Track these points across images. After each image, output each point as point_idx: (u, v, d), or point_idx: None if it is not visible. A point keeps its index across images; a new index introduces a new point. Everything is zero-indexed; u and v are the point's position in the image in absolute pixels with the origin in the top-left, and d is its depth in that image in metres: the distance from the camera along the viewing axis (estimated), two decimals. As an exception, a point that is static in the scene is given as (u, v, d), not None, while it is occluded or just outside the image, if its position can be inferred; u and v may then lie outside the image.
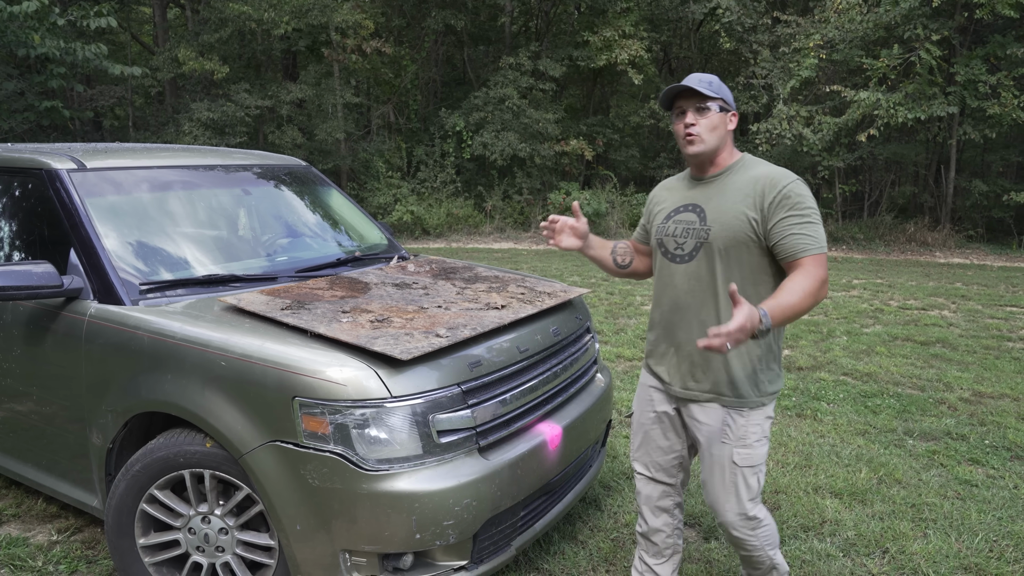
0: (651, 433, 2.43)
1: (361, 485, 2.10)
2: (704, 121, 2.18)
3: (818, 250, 2.09)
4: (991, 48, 12.50)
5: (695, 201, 2.27)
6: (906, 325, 7.13)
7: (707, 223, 2.20)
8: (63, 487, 2.82)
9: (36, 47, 10.77)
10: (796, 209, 2.10)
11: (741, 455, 2.23)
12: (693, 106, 2.18)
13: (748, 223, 2.14)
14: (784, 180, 2.13)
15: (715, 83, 2.19)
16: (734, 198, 2.18)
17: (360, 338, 2.22)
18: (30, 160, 2.93)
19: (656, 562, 2.51)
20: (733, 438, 2.24)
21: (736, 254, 2.16)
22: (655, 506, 2.47)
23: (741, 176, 2.21)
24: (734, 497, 2.24)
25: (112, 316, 2.53)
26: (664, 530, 2.48)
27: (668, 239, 2.30)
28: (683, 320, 2.26)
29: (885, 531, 3.14)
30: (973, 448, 4.06)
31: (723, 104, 2.19)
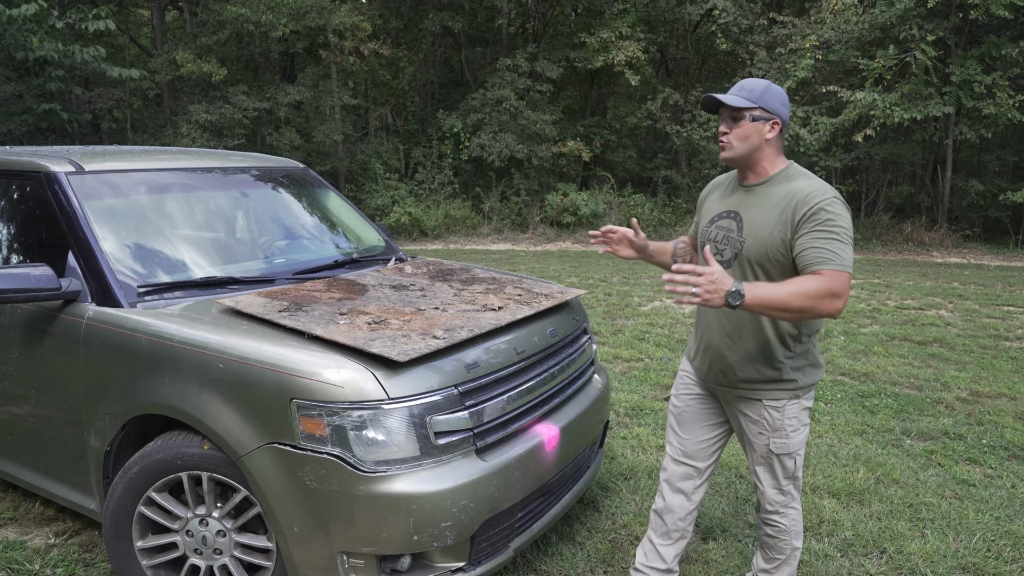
0: (683, 416, 2.56)
1: (358, 487, 2.11)
2: (736, 130, 2.19)
3: (839, 266, 2.03)
4: (986, 48, 12.54)
5: (736, 208, 2.29)
6: (903, 325, 7.14)
7: (743, 235, 2.23)
8: (61, 490, 2.81)
9: (34, 50, 10.76)
10: (824, 225, 2.07)
11: (777, 444, 2.35)
12: (728, 113, 2.21)
13: (780, 241, 2.15)
14: (819, 196, 2.10)
15: (757, 90, 2.18)
16: (770, 214, 2.18)
17: (357, 340, 2.23)
18: (28, 163, 2.93)
19: (662, 543, 2.60)
20: (769, 429, 2.34)
21: (767, 269, 2.20)
22: (675, 485, 2.58)
23: (781, 189, 2.19)
24: (772, 476, 2.40)
25: (110, 318, 2.54)
26: (677, 511, 2.57)
27: (710, 244, 2.35)
28: (715, 324, 2.34)
29: (883, 531, 3.15)
30: (971, 448, 4.07)
31: (761, 113, 2.17)
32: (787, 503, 2.44)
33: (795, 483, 2.44)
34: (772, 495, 2.43)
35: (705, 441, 2.55)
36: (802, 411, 2.36)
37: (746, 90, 2.19)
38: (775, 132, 2.19)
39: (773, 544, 2.51)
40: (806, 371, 2.33)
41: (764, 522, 2.50)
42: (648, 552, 2.62)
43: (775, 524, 2.47)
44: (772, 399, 2.32)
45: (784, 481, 2.41)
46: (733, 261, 2.26)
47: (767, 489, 2.43)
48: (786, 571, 2.53)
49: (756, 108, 2.17)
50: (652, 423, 4.38)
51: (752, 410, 2.36)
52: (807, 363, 2.33)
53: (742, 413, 2.39)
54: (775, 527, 2.48)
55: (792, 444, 2.35)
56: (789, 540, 2.49)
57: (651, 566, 2.61)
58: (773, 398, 2.32)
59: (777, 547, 2.51)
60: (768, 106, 2.17)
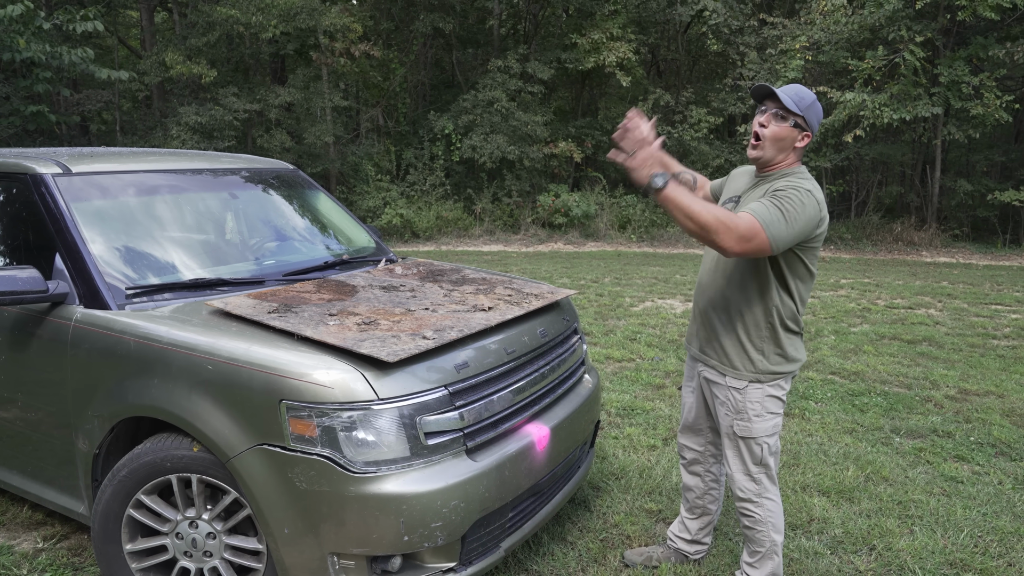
0: (687, 402, 2.75)
1: (348, 487, 2.10)
2: (775, 128, 2.26)
3: (762, 220, 2.08)
4: (973, 49, 12.64)
5: (740, 195, 2.47)
6: (893, 324, 7.19)
7: None
8: (49, 494, 2.80)
9: (21, 51, 10.69)
10: (776, 196, 2.17)
11: (740, 427, 2.46)
12: (775, 109, 2.27)
13: None
14: (796, 182, 2.22)
15: (806, 101, 2.25)
16: (756, 199, 2.28)
17: (347, 340, 2.22)
18: (14, 164, 2.91)
19: (688, 516, 2.86)
20: (732, 410, 2.48)
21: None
22: (687, 469, 2.83)
23: (773, 183, 2.30)
24: (739, 460, 2.50)
25: (98, 321, 2.52)
26: (694, 491, 2.81)
27: None
28: (702, 295, 2.52)
29: (872, 528, 3.16)
30: (959, 445, 4.10)
31: (802, 123, 2.26)
32: (760, 492, 2.49)
33: (767, 472, 2.49)
34: (741, 480, 2.50)
35: (703, 426, 2.73)
36: (766, 398, 2.43)
37: (798, 96, 2.25)
38: (803, 143, 2.30)
39: (752, 536, 2.55)
40: (771, 358, 2.41)
41: (740, 512, 2.55)
42: (678, 522, 2.90)
43: (750, 514, 2.52)
44: (734, 378, 2.45)
45: (753, 467, 2.47)
46: None
47: (735, 473, 2.51)
48: (769, 565, 2.55)
49: (800, 116, 2.26)
50: (643, 423, 4.39)
51: (720, 390, 2.51)
52: (774, 350, 2.41)
53: (713, 394, 2.55)
54: (751, 517, 2.52)
55: (755, 429, 2.44)
56: (767, 532, 2.52)
57: (679, 536, 2.88)
58: (735, 378, 2.45)
59: (756, 539, 2.54)
60: (809, 119, 2.27)
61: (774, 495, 2.52)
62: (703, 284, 2.53)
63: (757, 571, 2.57)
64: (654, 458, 3.86)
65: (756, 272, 2.34)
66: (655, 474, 3.65)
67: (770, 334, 2.40)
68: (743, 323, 2.41)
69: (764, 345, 2.40)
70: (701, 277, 2.56)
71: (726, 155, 15.80)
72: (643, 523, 3.19)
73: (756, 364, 2.42)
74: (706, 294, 2.50)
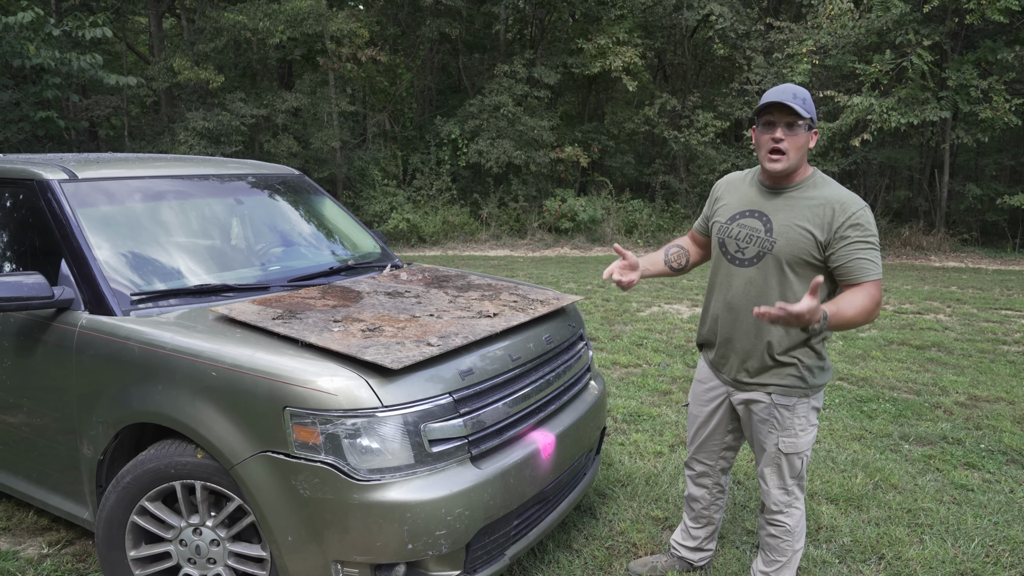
0: (700, 422, 2.67)
1: (352, 495, 2.09)
2: (793, 139, 2.21)
3: (878, 276, 2.20)
4: (982, 53, 12.58)
5: (762, 209, 2.34)
6: (901, 329, 7.14)
7: (773, 235, 2.29)
8: (54, 499, 2.79)
9: (31, 57, 10.75)
10: (863, 236, 2.20)
11: (786, 443, 2.41)
12: (785, 121, 2.21)
13: (814, 243, 2.24)
14: (855, 206, 2.22)
15: (808, 101, 2.23)
16: (803, 216, 2.25)
17: (351, 347, 2.21)
18: (21, 170, 2.92)
19: (692, 525, 2.83)
20: (779, 428, 2.42)
21: (797, 269, 2.27)
22: (694, 481, 2.79)
23: (811, 194, 2.27)
24: (778, 475, 2.46)
25: (103, 327, 2.52)
26: (700, 501, 2.78)
27: (730, 241, 2.41)
28: (736, 320, 2.40)
29: (881, 537, 3.13)
30: (969, 452, 4.06)
31: (811, 123, 2.23)
32: (791, 503, 2.48)
33: (799, 483, 2.48)
34: (777, 495, 2.47)
35: (718, 444, 2.68)
36: (811, 411, 2.43)
37: (800, 99, 2.20)
38: (815, 141, 2.29)
39: (775, 545, 2.52)
40: (816, 372, 2.39)
41: (768, 522, 2.52)
42: (682, 530, 2.88)
43: (780, 524, 2.49)
44: (782, 396, 2.38)
45: (790, 481, 2.46)
46: (756, 260, 2.33)
47: (772, 489, 2.47)
48: (786, 574, 2.52)
49: (809, 119, 2.21)
50: (650, 429, 4.36)
51: (762, 409, 2.43)
52: (818, 364, 2.39)
53: (752, 412, 2.47)
54: (779, 527, 2.49)
55: (800, 444, 2.42)
56: (792, 542, 2.50)
57: (683, 544, 2.86)
58: (783, 395, 2.38)
59: (779, 548, 2.52)
60: (814, 117, 2.25)
61: (802, 504, 2.51)
62: (735, 309, 2.39)
63: None
64: (660, 465, 3.83)
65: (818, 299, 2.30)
66: (661, 481, 3.63)
67: (815, 348, 2.37)
68: (795, 343, 2.33)
69: (811, 360, 2.37)
70: (729, 302, 2.41)
71: (733, 159, 15.77)
72: (649, 530, 3.16)
73: (807, 380, 2.37)
74: (744, 323, 2.37)
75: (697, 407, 2.68)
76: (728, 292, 2.42)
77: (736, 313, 2.40)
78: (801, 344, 2.34)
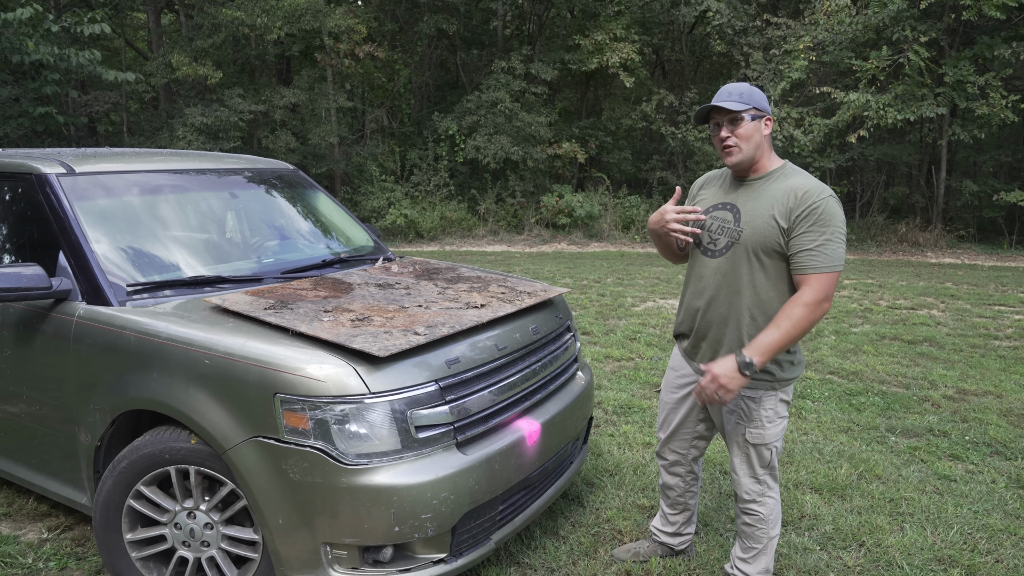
0: (671, 410, 2.72)
1: (341, 479, 2.16)
2: (739, 131, 2.29)
3: (828, 269, 2.20)
4: (979, 49, 12.61)
5: (732, 201, 2.40)
6: (895, 324, 7.20)
7: (740, 224, 2.34)
8: (53, 485, 2.86)
9: (30, 53, 10.80)
10: (819, 225, 2.21)
11: (753, 435, 2.46)
12: (726, 119, 2.30)
13: (777, 230, 2.27)
14: (817, 194, 2.23)
15: (746, 93, 2.28)
16: (768, 204, 2.30)
17: (340, 336, 2.28)
18: (20, 164, 2.98)
19: (670, 512, 2.88)
20: (746, 419, 2.47)
21: (764, 258, 2.31)
22: (667, 470, 2.83)
23: (779, 184, 2.32)
24: (747, 465, 2.51)
25: (100, 317, 2.59)
26: (675, 489, 2.83)
27: (704, 233, 2.46)
28: (708, 310, 2.45)
29: (862, 525, 3.20)
30: (954, 444, 4.12)
31: (755, 112, 2.28)
32: (764, 492, 2.52)
33: (771, 472, 2.53)
34: (748, 484, 2.52)
35: (689, 433, 2.72)
36: (779, 403, 2.46)
37: (736, 94, 2.28)
38: (769, 128, 2.33)
39: (751, 533, 2.57)
40: (785, 366, 2.43)
41: (743, 511, 2.57)
42: (660, 517, 2.93)
43: (753, 512, 2.54)
44: (749, 389, 2.43)
45: (760, 471, 2.50)
46: (726, 250, 2.37)
47: (742, 478, 2.52)
48: (763, 561, 2.59)
49: (751, 108, 2.27)
50: (639, 420, 4.43)
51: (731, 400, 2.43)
52: (787, 359, 2.43)
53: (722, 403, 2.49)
54: (753, 515, 2.55)
55: (768, 435, 2.46)
56: (767, 529, 2.55)
57: (662, 530, 2.91)
58: (750, 387, 2.42)
59: (754, 536, 2.57)
60: (759, 105, 2.29)
61: (775, 493, 2.55)
62: (707, 299, 2.44)
63: (751, 566, 2.60)
64: (648, 455, 3.90)
65: (781, 286, 2.34)
66: (649, 471, 3.70)
67: None
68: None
69: (780, 355, 2.39)
70: (702, 292, 2.46)
71: (730, 156, 15.76)
72: (635, 519, 3.23)
73: (775, 374, 2.40)
74: (717, 309, 2.42)
75: (668, 393, 2.72)
76: (700, 283, 2.47)
77: (708, 303, 2.44)
78: None
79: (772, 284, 2.33)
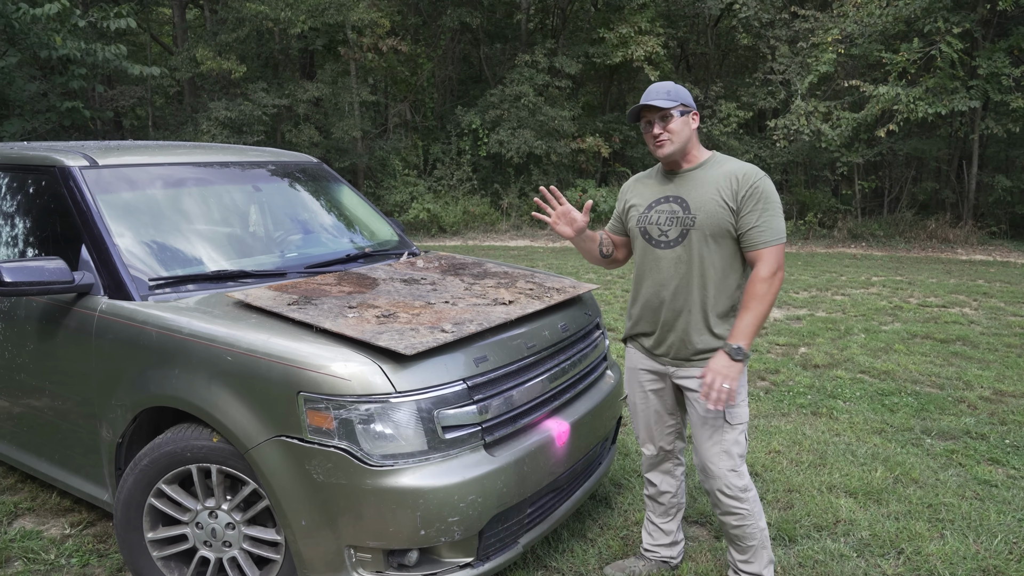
0: (647, 410, 2.67)
1: (365, 481, 2.10)
2: (669, 126, 2.41)
3: (776, 241, 2.37)
4: (1015, 40, 12.28)
5: (675, 193, 2.49)
6: (926, 323, 7.03)
7: (691, 212, 2.43)
8: (75, 481, 2.84)
9: (58, 48, 10.90)
10: (762, 203, 2.36)
11: (731, 413, 2.46)
12: (657, 116, 2.42)
13: (727, 211, 2.38)
14: (755, 176, 2.40)
15: (672, 91, 2.43)
16: (712, 189, 2.41)
17: (365, 333, 2.22)
18: (43, 157, 2.96)
19: (662, 521, 2.78)
20: None
21: (718, 241, 2.41)
22: (659, 471, 2.75)
23: (715, 171, 2.45)
24: (727, 456, 2.47)
25: (121, 311, 2.55)
26: (669, 491, 2.75)
27: (652, 227, 2.51)
28: (669, 299, 2.48)
29: (901, 531, 3.09)
30: (993, 448, 3.98)
31: (683, 108, 2.41)
32: (745, 487, 2.48)
33: (744, 462, 2.52)
34: (730, 478, 2.46)
35: (672, 427, 2.68)
36: (746, 382, 2.51)
37: (663, 92, 2.42)
38: (696, 121, 2.47)
39: (741, 533, 2.51)
40: None
41: (729, 512, 2.50)
42: (652, 532, 2.81)
43: (739, 511, 2.48)
44: None
45: (738, 460, 2.48)
46: (681, 239, 2.44)
47: (724, 472, 2.47)
48: (764, 555, 2.53)
49: (679, 104, 2.40)
50: (667, 420, 4.34)
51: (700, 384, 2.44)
52: None
53: (691, 389, 2.50)
54: (739, 515, 2.48)
55: (743, 415, 2.48)
56: (755, 522, 2.50)
57: (658, 544, 2.80)
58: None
59: (747, 535, 2.50)
60: (686, 101, 2.43)
61: (752, 486, 2.52)
62: (667, 289, 2.47)
63: (753, 565, 2.54)
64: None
65: (735, 264, 2.44)
66: (678, 472, 3.61)
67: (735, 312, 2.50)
68: (725, 312, 2.46)
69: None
70: (660, 283, 2.48)
71: (755, 150, 15.58)
72: (665, 521, 3.14)
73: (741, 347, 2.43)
74: (682, 297, 2.45)
75: (638, 395, 2.67)
76: (659, 275, 2.49)
77: (673, 293, 2.47)
78: (731, 314, 2.46)
79: (728, 263, 2.43)
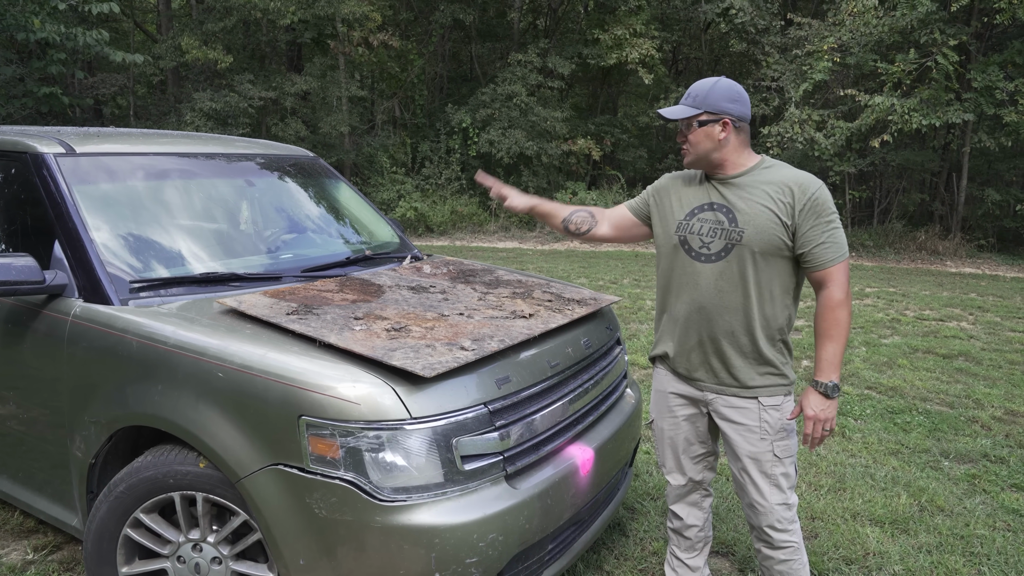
0: (676, 438, 2.45)
1: (374, 517, 1.85)
2: (691, 136, 2.22)
3: (843, 257, 2.15)
4: (1009, 55, 12.26)
5: (720, 201, 2.24)
6: (925, 336, 6.90)
7: (739, 225, 2.18)
8: (40, 503, 2.56)
9: (36, 31, 10.48)
10: (824, 216, 2.12)
11: (780, 447, 2.26)
12: (682, 125, 2.25)
13: (781, 228, 2.14)
14: (813, 187, 2.15)
15: (700, 94, 2.18)
16: (763, 201, 2.16)
17: (376, 350, 1.97)
18: (14, 143, 2.67)
19: (688, 556, 2.57)
20: (772, 431, 2.26)
21: (767, 259, 2.17)
22: (686, 503, 2.53)
23: (767, 177, 2.19)
24: (777, 490, 2.27)
25: (98, 317, 2.28)
26: (696, 524, 2.54)
27: (693, 236, 2.27)
28: (710, 319, 2.24)
29: (936, 566, 2.90)
30: (1014, 472, 3.82)
31: (708, 117, 2.17)
32: (793, 518, 2.30)
33: (793, 492, 2.34)
34: (780, 512, 2.27)
35: (702, 456, 2.47)
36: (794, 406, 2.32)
37: (691, 96, 2.20)
38: (727, 132, 2.18)
39: (788, 570, 2.32)
40: (790, 365, 2.30)
41: (778, 546, 2.30)
42: (677, 568, 2.61)
43: (788, 545, 2.29)
44: (769, 397, 2.24)
45: (788, 492, 2.29)
46: (725, 253, 2.20)
47: (774, 506, 2.26)
48: None
49: (701, 113, 2.17)
50: (676, 437, 4.12)
51: (746, 416, 2.26)
52: (789, 359, 2.30)
53: (735, 422, 2.28)
54: (787, 548, 2.29)
55: (793, 446, 2.29)
56: (801, 556, 2.33)
57: None
58: (770, 395, 2.24)
59: (793, 570, 2.32)
60: (713, 108, 2.16)
61: (796, 515, 2.35)
62: (707, 308, 2.23)
63: None
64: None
65: (786, 283, 2.22)
66: (693, 496, 3.39)
67: (786, 342, 2.29)
68: (772, 337, 2.24)
69: (785, 356, 2.29)
70: (698, 301, 2.24)
71: (748, 157, 15.44)
72: (684, 552, 2.92)
73: (787, 375, 2.28)
74: (718, 321, 2.22)
75: (666, 420, 2.46)
76: (695, 291, 2.25)
77: (708, 313, 2.23)
78: (778, 338, 2.25)
79: (777, 283, 2.20)
